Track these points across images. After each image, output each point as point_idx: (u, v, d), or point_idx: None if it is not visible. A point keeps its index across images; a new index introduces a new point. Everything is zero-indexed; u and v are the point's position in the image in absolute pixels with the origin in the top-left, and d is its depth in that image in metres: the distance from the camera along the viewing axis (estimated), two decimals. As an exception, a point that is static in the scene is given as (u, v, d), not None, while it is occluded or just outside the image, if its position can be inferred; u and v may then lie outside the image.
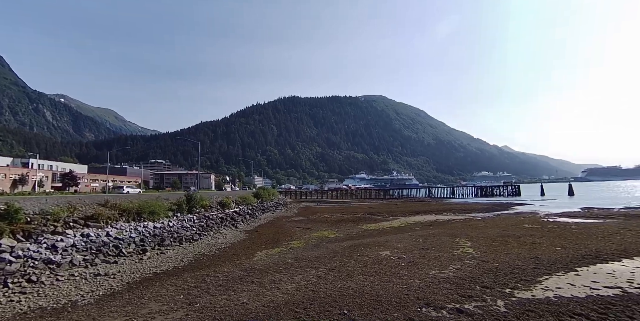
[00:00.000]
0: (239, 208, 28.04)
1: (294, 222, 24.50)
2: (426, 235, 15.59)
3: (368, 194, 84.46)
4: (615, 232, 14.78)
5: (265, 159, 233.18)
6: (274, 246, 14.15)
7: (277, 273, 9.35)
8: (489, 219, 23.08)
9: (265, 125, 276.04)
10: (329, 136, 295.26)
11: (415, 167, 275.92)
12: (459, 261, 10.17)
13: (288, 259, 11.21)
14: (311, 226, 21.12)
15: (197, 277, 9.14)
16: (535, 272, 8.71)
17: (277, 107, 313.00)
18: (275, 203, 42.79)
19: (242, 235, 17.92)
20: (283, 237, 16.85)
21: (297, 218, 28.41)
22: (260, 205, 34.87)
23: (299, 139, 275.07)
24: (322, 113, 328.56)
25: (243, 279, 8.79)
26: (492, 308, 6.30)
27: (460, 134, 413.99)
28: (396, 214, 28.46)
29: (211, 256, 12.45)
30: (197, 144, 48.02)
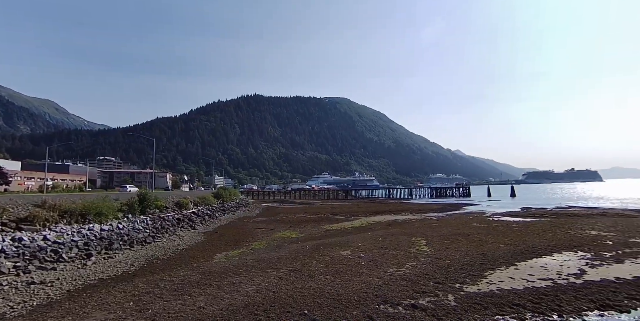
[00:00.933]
0: (197, 208, 26.89)
1: (255, 223, 24.05)
2: (385, 234, 16.17)
3: (331, 195, 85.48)
4: (548, 229, 16.48)
5: (226, 158, 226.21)
6: (234, 248, 13.78)
7: (236, 275, 9.12)
8: (442, 218, 24.52)
9: (227, 123, 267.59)
10: (293, 136, 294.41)
11: (377, 168, 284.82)
12: (415, 258, 10.69)
13: (249, 260, 10.98)
14: (273, 227, 20.89)
15: (149, 282, 8.60)
16: (481, 267, 9.43)
17: (240, 105, 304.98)
18: (236, 203, 41.67)
19: (200, 237, 17.20)
20: (244, 238, 16.47)
21: (259, 218, 27.92)
22: (220, 206, 33.74)
23: (263, 139, 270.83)
24: (287, 113, 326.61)
25: (200, 282, 8.45)
26: (443, 303, 6.71)
27: (418, 138, 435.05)
28: (358, 215, 29.13)
29: (166, 259, 11.80)
30: (153, 141, 45.19)
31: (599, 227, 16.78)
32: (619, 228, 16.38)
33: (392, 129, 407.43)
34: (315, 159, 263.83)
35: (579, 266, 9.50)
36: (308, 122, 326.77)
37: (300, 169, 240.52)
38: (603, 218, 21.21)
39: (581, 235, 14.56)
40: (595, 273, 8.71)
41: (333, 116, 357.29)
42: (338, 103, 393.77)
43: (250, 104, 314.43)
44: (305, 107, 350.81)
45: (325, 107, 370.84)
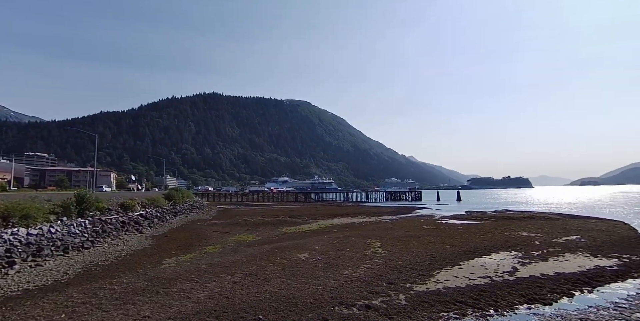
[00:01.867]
0: (145, 210, 25.06)
1: (210, 226, 23.07)
2: (342, 237, 16.47)
3: (290, 198, 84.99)
4: (487, 231, 18.04)
5: (180, 157, 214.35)
6: (185, 252, 13.07)
7: (187, 281, 8.66)
8: (396, 221, 25.63)
9: (182, 121, 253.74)
10: (252, 137, 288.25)
11: (335, 172, 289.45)
12: (370, 260, 11.04)
13: (201, 265, 10.49)
14: (229, 230, 20.21)
15: (86, 291, 7.81)
16: (430, 267, 10.02)
17: (196, 103, 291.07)
18: (190, 205, 39.62)
19: (148, 241, 16.05)
20: (197, 242, 15.70)
21: (214, 221, 26.82)
22: (172, 208, 31.83)
23: (220, 139, 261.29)
24: (246, 113, 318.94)
25: (147, 290, 7.88)
26: (395, 302, 7.01)
27: (375, 143, 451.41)
28: (316, 217, 29.31)
29: (107, 265, 10.81)
30: (95, 137, 41.29)
31: (529, 229, 18.74)
32: (545, 229, 18.46)
33: (351, 134, 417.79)
34: (275, 161, 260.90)
35: (512, 264, 10.53)
36: (268, 124, 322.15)
37: (259, 171, 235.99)
38: (532, 221, 23.72)
39: (514, 236, 16.14)
40: (525, 270, 9.72)
41: (293, 118, 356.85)
42: (299, 106, 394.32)
43: (208, 102, 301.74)
44: (265, 108, 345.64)
45: (285, 109, 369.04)
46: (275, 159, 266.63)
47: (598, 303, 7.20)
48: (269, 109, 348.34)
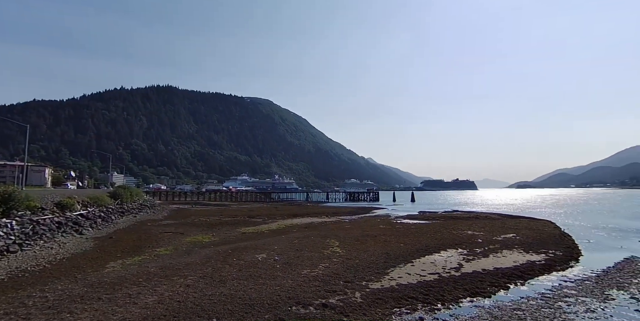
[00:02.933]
0: (87, 210, 22.89)
1: (162, 226, 21.73)
2: (301, 237, 16.51)
3: (249, 197, 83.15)
4: (437, 230, 19.24)
5: (129, 153, 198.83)
6: (133, 255, 12.17)
7: (135, 285, 8.08)
8: (354, 221, 26.27)
9: (132, 114, 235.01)
10: (210, 134, 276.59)
11: (297, 172, 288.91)
12: (328, 259, 11.19)
13: (151, 268, 9.86)
14: (183, 231, 19.22)
15: (11, 300, 6.94)
16: (385, 265, 10.43)
17: (149, 95, 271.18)
18: (139, 204, 36.96)
19: (89, 243, 14.69)
20: (147, 244, 14.70)
21: (166, 221, 25.32)
22: (118, 207, 29.43)
23: (175, 135, 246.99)
24: (204, 109, 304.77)
25: (86, 296, 7.22)
26: (351, 300, 7.19)
27: (336, 144, 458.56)
28: (276, 217, 29.01)
29: (38, 271, 9.69)
30: (26, 128, 36.73)
31: (473, 228, 20.33)
32: (487, 228, 20.15)
33: (312, 135, 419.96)
34: (234, 160, 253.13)
35: (458, 261, 11.35)
36: (228, 121, 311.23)
37: (217, 169, 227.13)
38: (476, 220, 25.76)
39: (461, 235, 17.41)
40: (469, 266, 10.53)
41: (255, 116, 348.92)
42: (260, 104, 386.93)
43: (162, 95, 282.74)
44: (225, 105, 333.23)
45: (247, 107, 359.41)
46: (234, 157, 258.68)
47: (529, 294, 8.03)
48: (229, 106, 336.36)
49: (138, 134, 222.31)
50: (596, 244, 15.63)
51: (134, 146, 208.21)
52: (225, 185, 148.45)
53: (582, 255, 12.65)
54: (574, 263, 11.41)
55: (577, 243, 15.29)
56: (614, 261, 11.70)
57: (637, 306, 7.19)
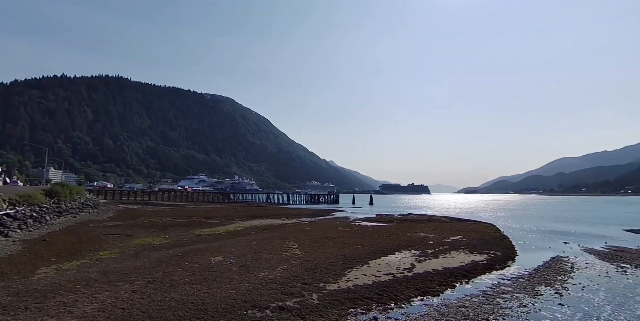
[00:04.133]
0: (15, 209, 20.35)
1: (106, 228, 20.02)
2: (260, 239, 16.22)
3: (206, 198, 79.76)
4: (393, 232, 20.05)
5: (70, 148, 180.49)
6: (71, 259, 11.06)
7: (71, 292, 7.36)
8: (314, 223, 26.41)
9: (75, 105, 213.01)
10: (165, 130, 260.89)
11: (257, 173, 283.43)
12: (287, 262, 11.12)
13: (92, 273, 9.04)
14: (131, 232, 17.88)
15: None
16: (342, 267, 10.62)
17: (95, 85, 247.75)
18: (80, 204, 33.70)
19: (16, 246, 13.06)
20: (87, 247, 13.45)
21: (112, 222, 23.37)
22: (55, 206, 26.57)
23: (125, 129, 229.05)
24: (160, 104, 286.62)
25: (10, 307, 6.42)
26: (308, 302, 7.21)
27: (299, 146, 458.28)
28: (234, 219, 28.18)
29: (-50, 280, 8.41)
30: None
31: (426, 230, 21.50)
32: (438, 231, 21.43)
33: (275, 135, 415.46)
34: (191, 158, 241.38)
35: (411, 261, 11.92)
36: (185, 118, 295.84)
37: (171, 167, 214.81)
38: (429, 223, 27.28)
39: (414, 237, 18.32)
40: (421, 267, 11.11)
41: (215, 114, 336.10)
42: (221, 102, 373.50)
43: (111, 86, 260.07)
44: (183, 101, 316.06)
45: (206, 104, 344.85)
46: (191, 156, 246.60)
47: (472, 292, 8.68)
48: (187, 102, 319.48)
49: (81, 126, 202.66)
50: (529, 245, 17.34)
51: (76, 140, 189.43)
52: (181, 184, 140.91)
53: (517, 255, 13.95)
54: (511, 262, 12.56)
55: (514, 244, 16.85)
56: (543, 260, 13.08)
57: (560, 300, 8.11)
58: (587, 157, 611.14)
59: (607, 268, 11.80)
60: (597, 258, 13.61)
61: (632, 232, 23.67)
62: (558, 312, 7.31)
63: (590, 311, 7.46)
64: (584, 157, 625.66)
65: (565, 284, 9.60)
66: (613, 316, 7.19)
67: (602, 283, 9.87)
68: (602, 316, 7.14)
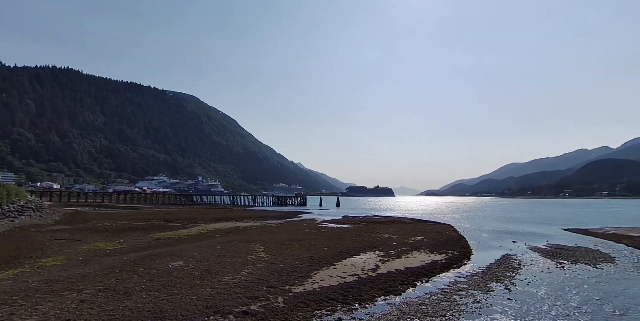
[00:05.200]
0: (-62, 212, 17.91)
1: (51, 232, 18.27)
2: (224, 242, 15.73)
3: (167, 200, 75.92)
4: (359, 234, 20.44)
5: (8, 145, 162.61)
6: (7, 267, 9.95)
7: (6, 305, 6.63)
8: (281, 225, 26.16)
9: (15, 97, 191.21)
10: (122, 128, 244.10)
11: (223, 174, 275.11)
12: (252, 265, 10.90)
13: (32, 283, 8.20)
14: (81, 237, 16.49)
15: None
16: (308, 269, 10.62)
17: (40, 77, 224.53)
18: (19, 206, 30.43)
19: (-62, 256, 11.48)
20: (28, 253, 12.18)
21: (57, 227, 21.39)
22: (-13, 209, 23.75)
23: (75, 126, 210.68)
24: (116, 100, 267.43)
25: None
26: (273, 305, 7.12)
27: (266, 148, 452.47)
28: (197, 221, 27.07)
29: None
30: None
31: (389, 231, 22.18)
32: (400, 232, 22.20)
33: (241, 136, 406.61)
34: (151, 158, 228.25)
35: (375, 262, 12.23)
36: (145, 115, 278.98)
37: (128, 168, 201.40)
38: (392, 225, 28.16)
39: (379, 238, 18.82)
40: (385, 267, 11.44)
41: (178, 112, 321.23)
42: (185, 100, 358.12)
43: (59, 78, 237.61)
44: (142, 97, 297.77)
45: (168, 101, 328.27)
46: (151, 155, 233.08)
47: (431, 290, 9.10)
48: (146, 98, 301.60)
49: (23, 121, 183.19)
50: (482, 244, 18.56)
51: (16, 136, 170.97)
52: (139, 186, 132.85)
53: (472, 254, 14.88)
54: (467, 261, 13.36)
55: (470, 243, 17.93)
56: (494, 258, 14.05)
57: (509, 295, 8.76)
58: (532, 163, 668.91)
59: (548, 264, 12.96)
60: (540, 256, 14.91)
61: (569, 231, 26.23)
62: (507, 307, 7.89)
63: (533, 304, 8.15)
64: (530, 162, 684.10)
65: (513, 280, 10.39)
66: (552, 307, 7.92)
67: (544, 278, 10.82)
68: (543, 309, 7.83)
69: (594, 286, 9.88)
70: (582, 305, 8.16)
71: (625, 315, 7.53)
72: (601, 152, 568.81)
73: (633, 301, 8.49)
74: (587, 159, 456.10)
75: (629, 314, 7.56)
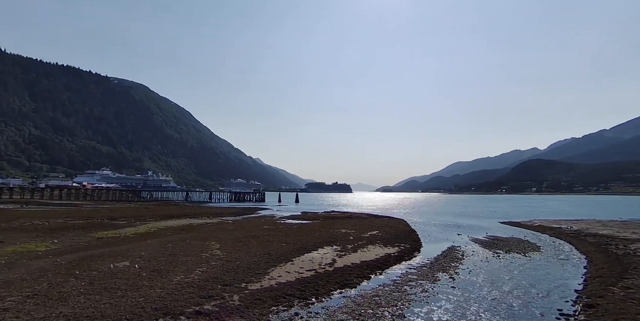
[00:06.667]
0: None
1: (-37, 234, 15.83)
2: (176, 240, 14.94)
3: (111, 196, 69.90)
4: (317, 229, 20.68)
5: None
6: None
7: None
8: (238, 222, 25.51)
9: None
10: (57, 116, 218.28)
11: (175, 169, 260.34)
12: (206, 263, 10.49)
13: (-60, 293, 7.06)
14: (3, 238, 14.53)
15: None
16: (266, 265, 10.51)
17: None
18: None
19: None
20: None
21: (-28, 227, 18.60)
22: None
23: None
24: (49, 84, 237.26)
25: None
26: (228, 304, 6.94)
27: (223, 142, 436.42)
28: (146, 219, 25.33)
29: None
30: None
31: (347, 227, 22.77)
32: (357, 227, 22.87)
33: (197, 129, 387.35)
34: (92, 151, 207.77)
35: (333, 256, 12.48)
36: (84, 103, 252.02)
37: (64, 160, 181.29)
38: (349, 220, 28.93)
39: (336, 233, 19.21)
40: (341, 261, 11.72)
41: (124, 101, 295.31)
42: (132, 88, 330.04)
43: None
44: (81, 83, 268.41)
45: (112, 89, 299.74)
46: (92, 147, 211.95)
47: (384, 282, 9.54)
48: (87, 84, 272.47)
49: None
50: (431, 237, 19.86)
51: None
52: (78, 181, 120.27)
53: (422, 247, 15.86)
54: (417, 253, 14.21)
55: (420, 237, 19.09)
56: (441, 250, 15.14)
57: (453, 284, 9.50)
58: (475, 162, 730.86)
59: (487, 254, 14.28)
60: (481, 247, 16.36)
61: (504, 224, 29.13)
62: (451, 294, 8.55)
63: (473, 290, 8.93)
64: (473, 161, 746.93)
65: (457, 270, 11.28)
66: (489, 293, 8.75)
67: (482, 266, 11.91)
68: (481, 294, 8.62)
69: (524, 272, 11.11)
70: (514, 289, 9.13)
71: (548, 296, 8.57)
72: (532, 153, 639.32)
73: (553, 284, 9.70)
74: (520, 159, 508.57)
75: (551, 296, 8.62)
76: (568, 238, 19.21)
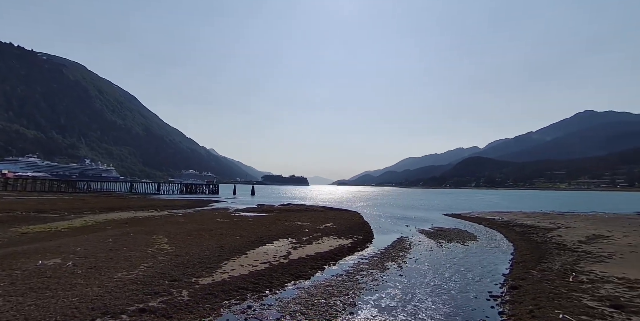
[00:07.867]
0: None
1: None
2: (119, 234, 13.83)
3: (39, 186, 62.14)
4: (272, 222, 20.54)
5: None
6: None
7: None
8: (189, 215, 24.35)
9: None
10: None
11: (118, 157, 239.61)
12: (152, 258, 9.89)
13: None
14: None
15: None
16: (218, 259, 10.21)
17: None
18: None
19: None
20: None
21: None
22: None
23: None
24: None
25: None
26: (176, 300, 6.63)
27: (174, 131, 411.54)
28: (82, 212, 23.04)
29: None
30: None
31: (302, 219, 22.94)
32: (313, 219, 23.14)
33: (143, 116, 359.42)
34: (14, 135, 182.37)
35: (288, 249, 12.52)
36: (3, 80, 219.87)
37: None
38: (306, 213, 29.19)
39: (292, 226, 19.26)
40: (296, 253, 11.81)
41: (55, 81, 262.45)
42: (65, 66, 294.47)
43: None
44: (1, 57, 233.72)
45: (42, 66, 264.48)
46: (14, 131, 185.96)
47: (337, 272, 9.83)
48: (6, 59, 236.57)
49: None
50: (383, 229, 20.85)
51: None
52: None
53: (374, 238, 16.59)
54: (369, 244, 14.84)
55: (372, 228, 19.93)
56: (391, 240, 15.98)
57: (400, 272, 10.11)
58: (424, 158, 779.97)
59: (431, 244, 15.40)
60: (426, 237, 17.59)
61: (447, 216, 31.60)
62: (398, 282, 9.10)
63: (419, 278, 9.60)
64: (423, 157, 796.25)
65: (404, 259, 12.01)
66: (432, 280, 9.48)
67: (427, 255, 12.83)
68: (425, 281, 9.30)
69: (462, 260, 12.19)
70: (453, 275, 9.99)
71: (481, 280, 9.53)
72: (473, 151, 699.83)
73: (486, 269, 10.81)
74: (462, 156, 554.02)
75: (483, 280, 9.59)
76: (499, 228, 21.45)
